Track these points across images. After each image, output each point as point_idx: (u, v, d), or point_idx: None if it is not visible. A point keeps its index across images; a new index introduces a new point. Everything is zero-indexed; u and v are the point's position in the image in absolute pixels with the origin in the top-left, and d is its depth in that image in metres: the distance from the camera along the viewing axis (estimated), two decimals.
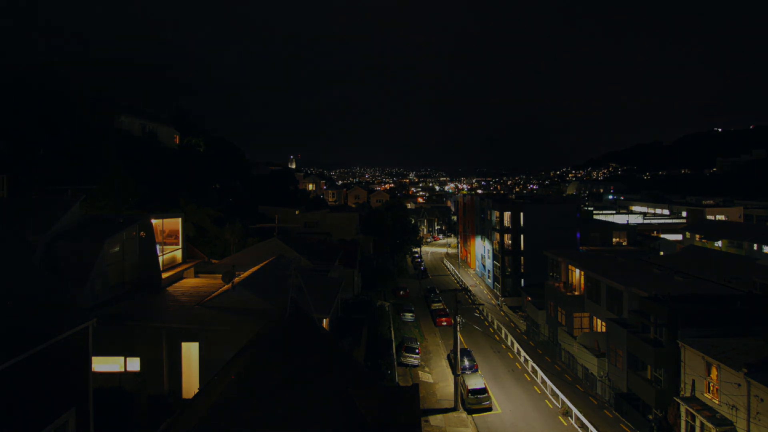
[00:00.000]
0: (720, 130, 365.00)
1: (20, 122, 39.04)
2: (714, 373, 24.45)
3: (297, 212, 67.38)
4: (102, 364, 17.32)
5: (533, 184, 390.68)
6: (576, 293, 43.75)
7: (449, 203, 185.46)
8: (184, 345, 18.15)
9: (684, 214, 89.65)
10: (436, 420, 31.92)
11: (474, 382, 34.62)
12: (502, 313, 61.88)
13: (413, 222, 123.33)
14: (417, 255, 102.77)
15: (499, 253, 69.03)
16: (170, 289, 22.04)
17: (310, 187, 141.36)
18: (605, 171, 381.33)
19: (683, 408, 25.62)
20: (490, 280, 76.04)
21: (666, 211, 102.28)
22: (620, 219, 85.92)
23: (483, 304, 63.18)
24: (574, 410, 31.59)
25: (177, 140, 75.11)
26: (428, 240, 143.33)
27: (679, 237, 72.17)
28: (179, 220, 25.30)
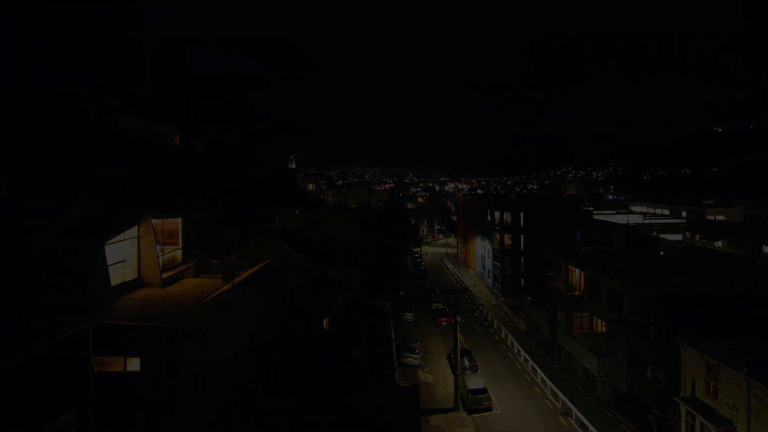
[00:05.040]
0: (720, 130, 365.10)
1: (20, 122, 39.06)
2: (714, 373, 24.46)
3: (297, 212, 67.34)
4: (102, 364, 17.31)
5: (533, 184, 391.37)
6: (576, 293, 43.73)
7: (449, 203, 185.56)
8: (184, 345, 18.14)
9: (684, 214, 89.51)
10: (436, 420, 31.92)
11: (474, 382, 34.63)
12: (502, 313, 61.88)
13: (413, 222, 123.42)
14: (417, 255, 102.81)
15: (499, 253, 69.03)
16: (170, 289, 22.02)
17: (310, 187, 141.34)
18: (605, 171, 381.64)
19: (683, 408, 25.62)
20: (490, 280, 76.04)
21: (666, 211, 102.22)
22: (620, 219, 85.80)
23: (483, 304, 63.20)
24: (574, 410, 31.59)
25: (177, 140, 75.16)
26: (428, 240, 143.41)
27: (679, 237, 72.13)
28: (179, 220, 25.26)
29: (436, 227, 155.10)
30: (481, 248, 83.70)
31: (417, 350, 42.61)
